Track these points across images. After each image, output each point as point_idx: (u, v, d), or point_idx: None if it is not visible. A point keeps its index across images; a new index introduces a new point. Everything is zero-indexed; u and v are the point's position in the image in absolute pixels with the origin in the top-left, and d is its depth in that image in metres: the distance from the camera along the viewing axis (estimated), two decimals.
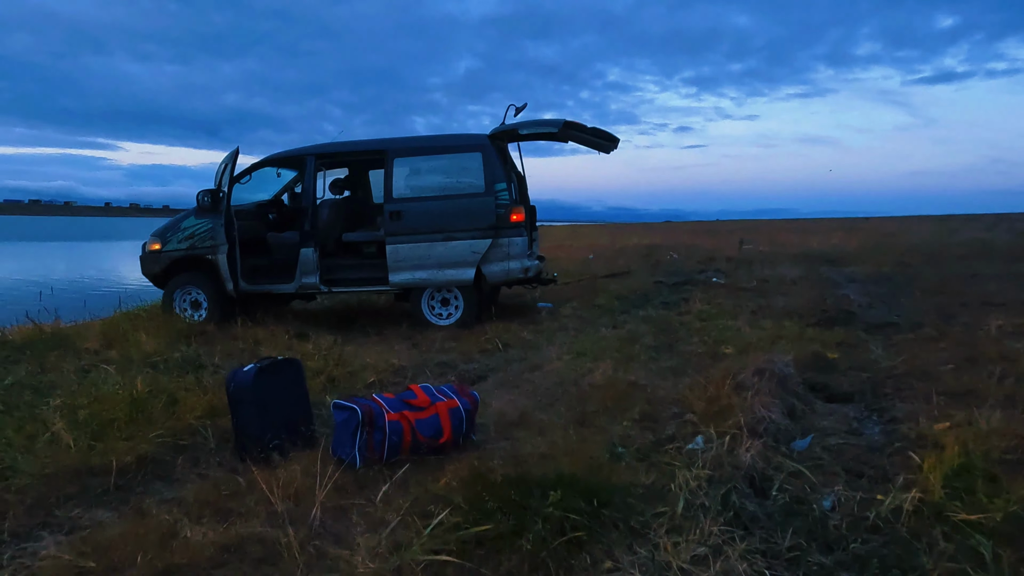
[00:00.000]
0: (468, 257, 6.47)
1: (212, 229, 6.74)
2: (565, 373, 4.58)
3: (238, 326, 6.50)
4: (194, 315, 7.01)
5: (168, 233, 6.96)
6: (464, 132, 6.83)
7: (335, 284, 6.89)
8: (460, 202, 6.47)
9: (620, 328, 6.24)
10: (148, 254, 7.03)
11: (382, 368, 4.82)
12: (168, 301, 7.01)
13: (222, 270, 6.64)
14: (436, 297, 6.76)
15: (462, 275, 6.51)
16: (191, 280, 6.98)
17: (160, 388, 3.97)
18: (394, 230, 6.53)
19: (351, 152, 6.96)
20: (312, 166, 6.85)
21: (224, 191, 6.71)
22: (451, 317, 6.72)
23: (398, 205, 6.54)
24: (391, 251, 6.54)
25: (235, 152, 6.56)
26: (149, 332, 6.14)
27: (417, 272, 6.56)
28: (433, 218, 6.48)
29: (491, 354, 5.41)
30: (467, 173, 6.51)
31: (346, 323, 7.14)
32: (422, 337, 6.32)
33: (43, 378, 4.65)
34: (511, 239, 6.51)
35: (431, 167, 6.60)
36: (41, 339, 5.84)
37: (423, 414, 2.96)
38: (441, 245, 6.47)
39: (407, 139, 6.80)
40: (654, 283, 9.87)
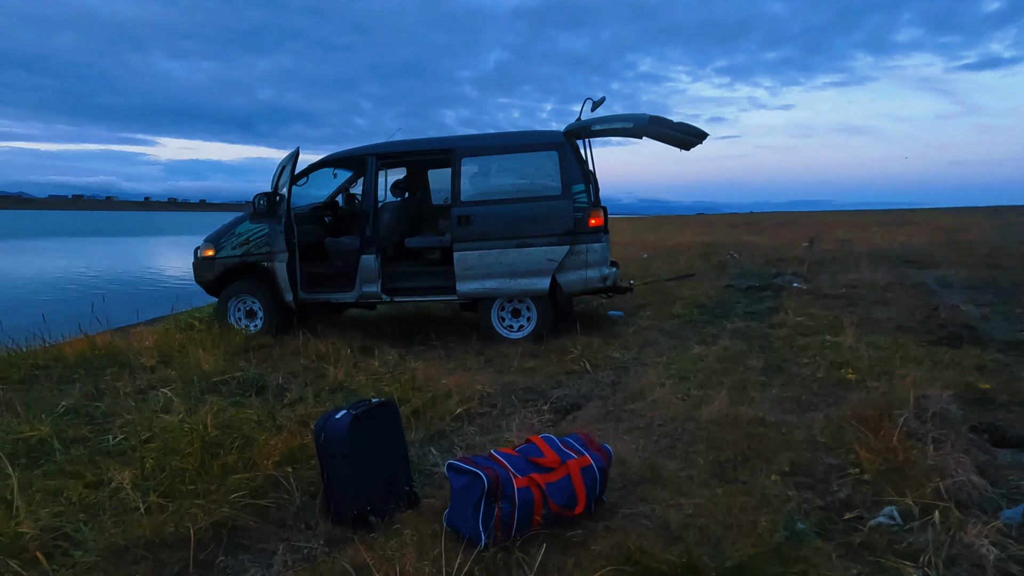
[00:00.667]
0: (543, 265, 5.95)
1: (268, 235, 6.34)
2: (673, 404, 4.04)
3: (297, 338, 6.10)
4: (249, 325, 6.63)
5: (222, 239, 6.58)
6: (539, 129, 6.29)
7: (397, 293, 6.43)
8: (535, 205, 5.94)
9: (713, 344, 5.65)
10: (201, 260, 6.66)
11: (466, 395, 4.32)
12: (222, 310, 6.64)
13: (280, 279, 6.23)
14: (506, 308, 6.26)
15: (536, 285, 5.99)
16: (246, 288, 6.59)
17: (230, 424, 3.54)
18: (462, 236, 6.04)
19: (415, 151, 6.48)
20: (374, 166, 6.39)
21: (281, 194, 6.29)
22: (523, 330, 6.22)
23: (467, 209, 6.04)
24: (459, 258, 6.05)
25: (295, 153, 6.13)
26: (205, 346, 5.77)
27: (487, 281, 6.06)
28: (505, 223, 5.97)
29: (579, 376, 4.89)
30: (542, 174, 5.98)
31: (408, 334, 6.69)
32: (494, 352, 5.83)
33: (99, 405, 4.27)
34: (589, 245, 5.97)
35: (503, 167, 6.08)
36: (95, 355, 5.49)
37: (553, 476, 2.45)
38: (514, 252, 5.96)
39: (476, 137, 6.29)
40: (725, 287, 9.24)
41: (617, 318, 7.24)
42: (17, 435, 3.51)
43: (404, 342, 6.43)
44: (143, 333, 7.04)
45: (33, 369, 5.01)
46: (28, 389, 4.72)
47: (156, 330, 7.18)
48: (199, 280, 6.72)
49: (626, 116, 5.96)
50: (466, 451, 3.48)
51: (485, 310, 6.23)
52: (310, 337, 6.19)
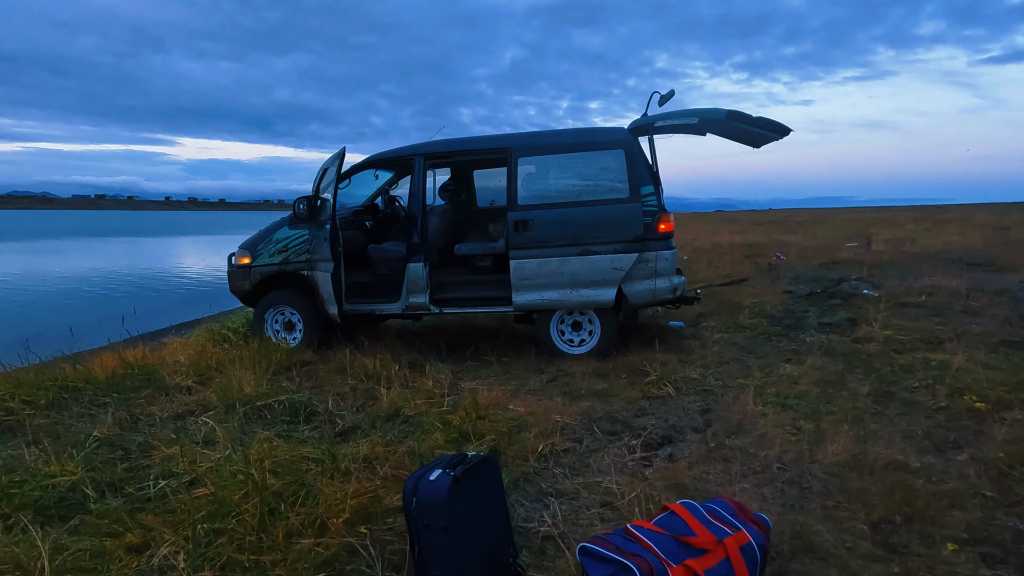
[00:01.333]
0: (608, 275, 5.44)
1: (309, 241, 5.89)
2: (785, 440, 3.52)
3: (341, 353, 5.65)
4: (287, 338, 6.19)
5: (259, 245, 6.14)
6: (603, 126, 5.77)
7: (447, 304, 5.95)
8: (599, 210, 5.43)
9: (801, 362, 5.11)
10: (236, 269, 6.23)
11: (542, 426, 3.83)
12: (258, 322, 6.21)
13: (323, 290, 5.78)
14: (566, 320, 5.76)
15: (601, 296, 5.49)
16: (284, 299, 6.16)
17: (285, 466, 3.09)
18: (519, 242, 5.54)
19: (467, 151, 5.99)
20: (421, 167, 5.91)
21: (324, 198, 5.83)
22: (584, 344, 5.71)
23: (524, 213, 5.54)
24: (515, 267, 5.56)
25: (340, 154, 5.67)
26: (244, 363, 5.34)
27: (546, 292, 5.57)
28: (567, 229, 5.47)
29: (662, 402, 4.37)
30: (607, 175, 5.47)
31: (457, 347, 6.20)
32: (556, 370, 5.33)
33: (135, 437, 3.83)
34: (659, 253, 5.45)
35: (563, 168, 5.58)
36: (126, 374, 5.07)
37: (711, 560, 1.96)
38: (576, 260, 5.46)
39: (534, 135, 5.78)
40: (784, 294, 8.66)
41: (679, 329, 6.72)
42: (47, 480, 3.08)
43: (454, 356, 5.95)
44: (175, 346, 6.63)
45: (62, 392, 4.60)
46: (57, 414, 4.31)
47: (189, 343, 6.78)
48: (234, 290, 6.30)
49: (693, 111, 5.43)
50: (559, 499, 2.99)
51: (543, 323, 5.73)
52: (354, 352, 5.75)
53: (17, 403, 4.30)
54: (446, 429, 3.80)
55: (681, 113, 5.46)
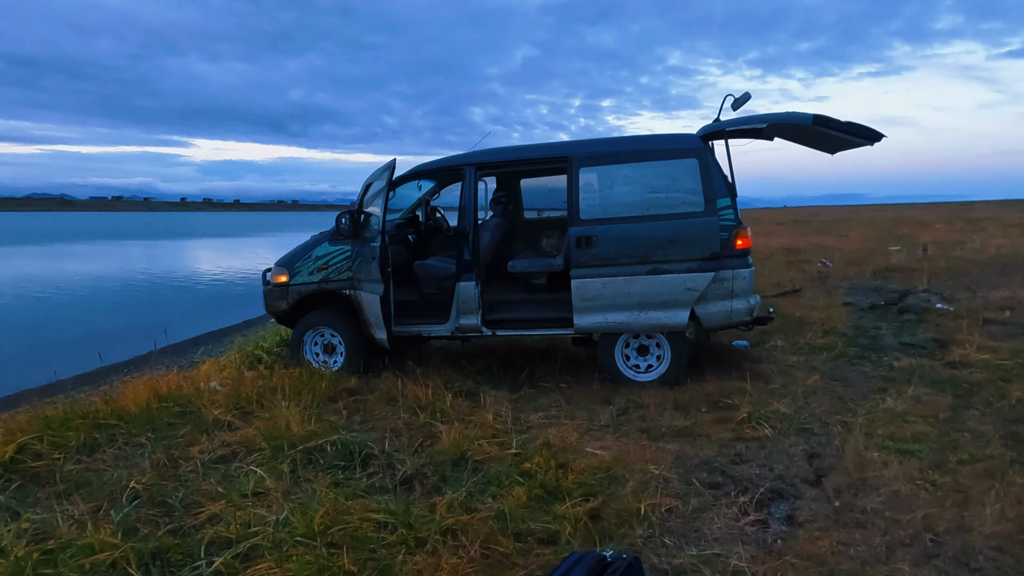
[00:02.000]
0: (681, 295, 4.97)
1: (351, 259, 5.47)
2: (923, 500, 3.05)
3: (389, 381, 5.24)
4: (327, 361, 5.78)
5: (296, 262, 5.73)
6: (671, 133, 5.29)
7: (500, 326, 5.51)
8: (671, 225, 4.96)
9: (900, 393, 4.62)
10: (272, 288, 5.82)
11: (635, 477, 3.38)
12: (297, 344, 5.80)
13: (369, 313, 5.35)
14: (631, 344, 5.29)
15: (672, 318, 5.02)
16: (324, 319, 5.74)
17: (352, 533, 2.67)
18: (582, 260, 5.09)
19: (522, 160, 5.53)
20: (472, 178, 5.47)
21: (368, 212, 5.41)
22: (652, 371, 5.25)
23: (587, 228, 5.09)
24: (578, 287, 5.10)
25: (391, 165, 5.22)
26: (285, 390, 4.94)
27: (611, 314, 5.11)
28: (635, 245, 5.01)
29: (759, 444, 3.90)
30: (680, 186, 5.00)
31: (509, 369, 5.76)
32: (626, 401, 4.88)
33: (176, 490, 3.42)
34: (736, 271, 4.97)
35: (630, 179, 5.11)
36: (161, 407, 4.68)
37: None
38: (645, 280, 5.00)
39: (596, 143, 5.32)
40: (844, 306, 8.14)
41: (745, 350, 6.24)
42: (84, 555, 2.67)
43: (507, 381, 5.52)
44: (208, 369, 6.26)
45: (94, 432, 4.20)
46: (89, 458, 3.91)
47: (222, 363, 6.41)
48: (270, 310, 5.89)
49: (771, 116, 4.96)
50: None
51: (607, 347, 5.27)
52: (401, 377, 5.34)
53: (46, 446, 3.91)
54: (527, 482, 3.36)
55: (753, 119, 5.00)
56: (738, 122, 5.00)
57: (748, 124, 5.03)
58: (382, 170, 5.28)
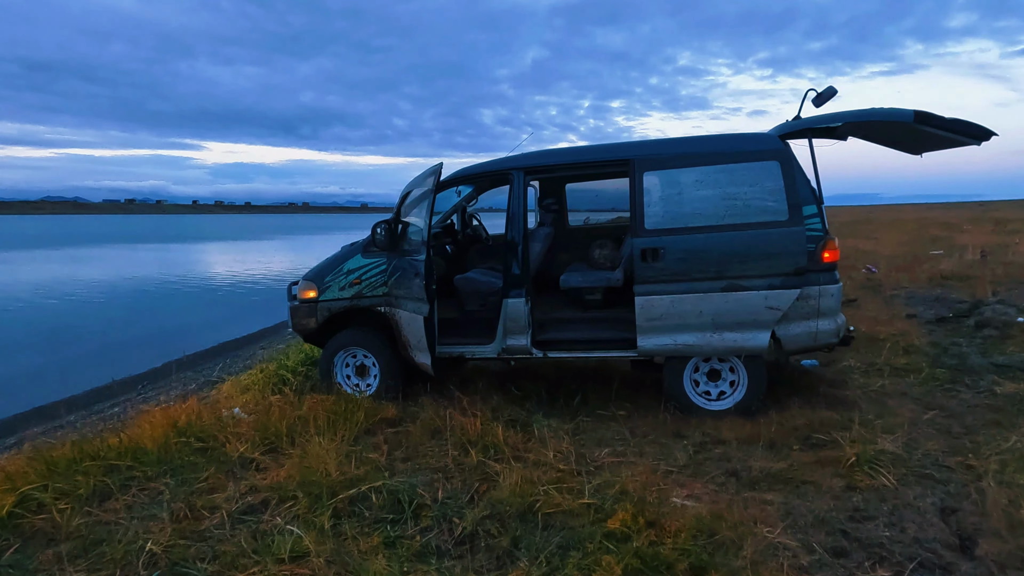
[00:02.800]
0: (762, 315, 4.41)
1: (387, 273, 4.96)
2: None
3: (430, 407, 4.72)
4: (360, 384, 5.27)
5: (326, 276, 5.22)
6: (747, 132, 4.74)
7: (553, 347, 4.97)
8: (751, 235, 4.40)
9: (1014, 426, 4.04)
10: (300, 305, 5.31)
11: (752, 548, 2.83)
12: (327, 366, 5.29)
13: (408, 334, 4.83)
14: (701, 368, 4.74)
15: (751, 340, 4.46)
16: (357, 339, 5.23)
17: None
18: (648, 275, 4.54)
19: (577, 164, 4.98)
20: (520, 184, 4.94)
21: (408, 222, 4.90)
22: (725, 398, 4.69)
23: (653, 240, 4.54)
24: (643, 304, 4.56)
25: (437, 170, 4.68)
26: (317, 421, 4.43)
27: (681, 335, 4.56)
28: (709, 259, 4.45)
29: (879, 496, 3.33)
30: (760, 192, 4.44)
31: (560, 392, 5.23)
32: (700, 433, 4.33)
33: (201, 552, 2.91)
34: (823, 288, 4.40)
35: (702, 184, 4.55)
36: (179, 442, 4.17)
37: None
38: (719, 298, 4.45)
39: (662, 143, 4.77)
40: (908, 318, 7.54)
41: (816, 370, 5.66)
42: None
43: (558, 407, 5.00)
44: (229, 392, 5.76)
45: (105, 475, 3.70)
46: (100, 509, 3.41)
47: (243, 383, 5.91)
48: (298, 328, 5.38)
49: (863, 112, 4.36)
50: None
51: (675, 372, 4.72)
52: (442, 403, 4.82)
53: (50, 495, 3.41)
54: (617, 548, 2.82)
55: (843, 115, 4.43)
56: (826, 119, 4.43)
57: (838, 120, 4.45)
58: (425, 175, 4.75)
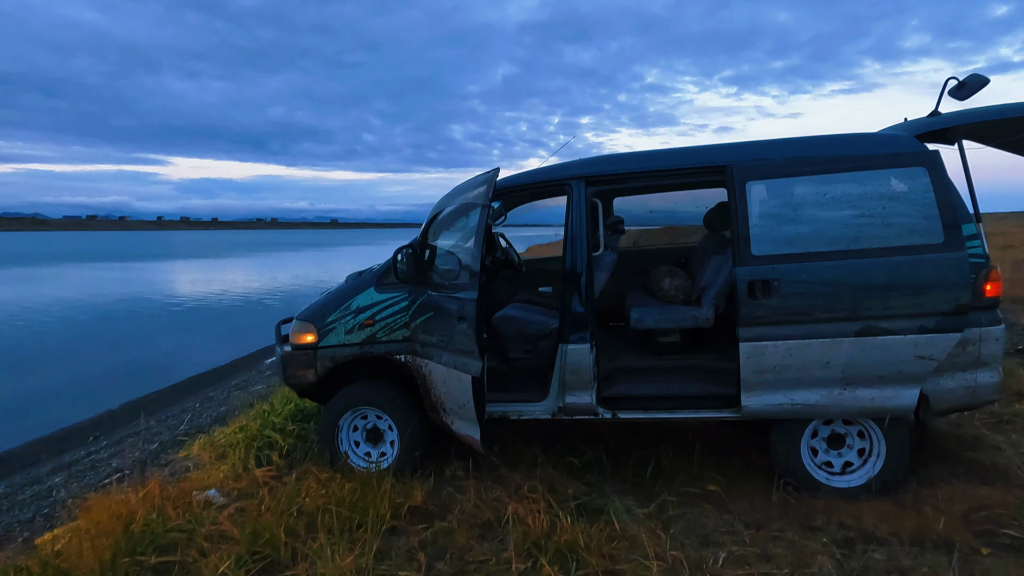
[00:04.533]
0: (909, 366, 3.39)
1: (408, 311, 3.85)
2: None
3: (466, 484, 3.61)
4: (372, 454, 4.13)
5: (328, 315, 4.06)
6: (885, 132, 3.72)
7: (624, 406, 3.88)
8: (895, 263, 3.38)
9: None
10: (294, 353, 4.13)
11: None
12: (328, 430, 4.12)
13: (448, 395, 3.69)
14: (820, 431, 3.70)
15: (894, 399, 3.44)
16: (368, 395, 4.09)
17: None
18: (757, 314, 3.49)
19: (656, 171, 3.90)
20: (582, 197, 3.87)
21: (448, 247, 3.79)
22: (853, 471, 3.65)
23: (766, 269, 3.50)
24: (750, 352, 3.51)
25: (492, 177, 3.53)
26: (325, 517, 3.27)
27: (799, 392, 3.51)
28: (838, 293, 3.42)
29: None
30: (905, 206, 3.43)
31: (626, 457, 4.16)
32: (834, 523, 3.28)
33: None
34: (984, 330, 3.40)
35: (829, 196, 3.52)
36: (133, 567, 2.97)
37: None
38: (853, 344, 3.41)
39: (767, 145, 3.73)
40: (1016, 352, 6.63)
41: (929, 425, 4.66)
42: None
43: (629, 479, 3.93)
44: (204, 461, 4.56)
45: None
46: None
47: (220, 447, 4.72)
48: (291, 381, 4.19)
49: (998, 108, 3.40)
50: None
51: (789, 438, 3.67)
52: (484, 482, 3.72)
53: None
54: None
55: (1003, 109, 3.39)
56: (980, 114, 3.44)
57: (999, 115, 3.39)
58: (473, 185, 3.63)
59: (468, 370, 3.44)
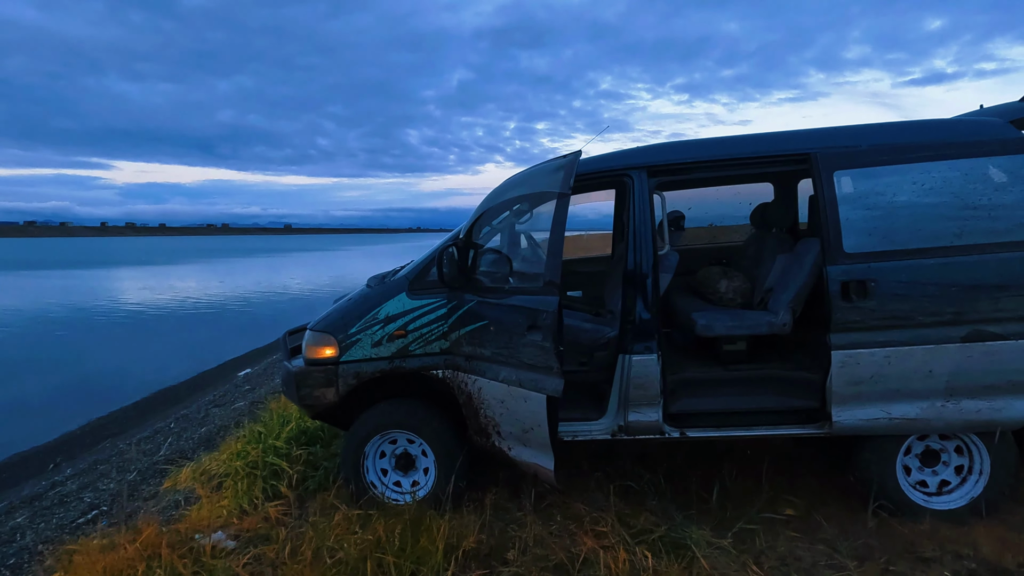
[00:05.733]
0: (1020, 374, 3.06)
1: (446, 320, 3.35)
2: None
3: (519, 517, 3.13)
4: (402, 483, 3.61)
5: (352, 325, 3.51)
6: (980, 118, 3.40)
7: (694, 423, 3.46)
8: (1006, 260, 3.05)
9: None
10: (310, 369, 3.57)
11: None
12: (354, 457, 3.58)
13: (498, 415, 3.21)
14: (914, 447, 3.35)
15: (1003, 411, 3.10)
16: (399, 416, 3.57)
17: None
18: (851, 319, 3.12)
19: (731, 159, 3.47)
20: (644, 189, 3.44)
21: (490, 250, 3.31)
22: (951, 491, 3.31)
23: (861, 267, 3.13)
24: (844, 361, 3.13)
25: (573, 160, 3.02)
26: (369, 565, 2.74)
27: (897, 404, 3.15)
28: (942, 294, 3.07)
29: None
30: (1008, 197, 3.10)
31: (692, 480, 3.73)
32: (945, 551, 2.94)
33: None
34: None
35: (926, 186, 3.18)
36: None
37: None
38: (958, 350, 3.07)
39: (854, 131, 3.35)
40: None
41: None
42: None
43: (697, 504, 3.51)
44: (199, 494, 3.95)
45: None
46: None
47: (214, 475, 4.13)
48: (306, 402, 3.62)
49: None
50: None
51: (884, 456, 3.30)
52: (545, 514, 3.24)
53: None
54: None
55: None
56: None
57: None
58: (547, 171, 3.13)
59: (542, 388, 2.95)
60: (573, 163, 2.95)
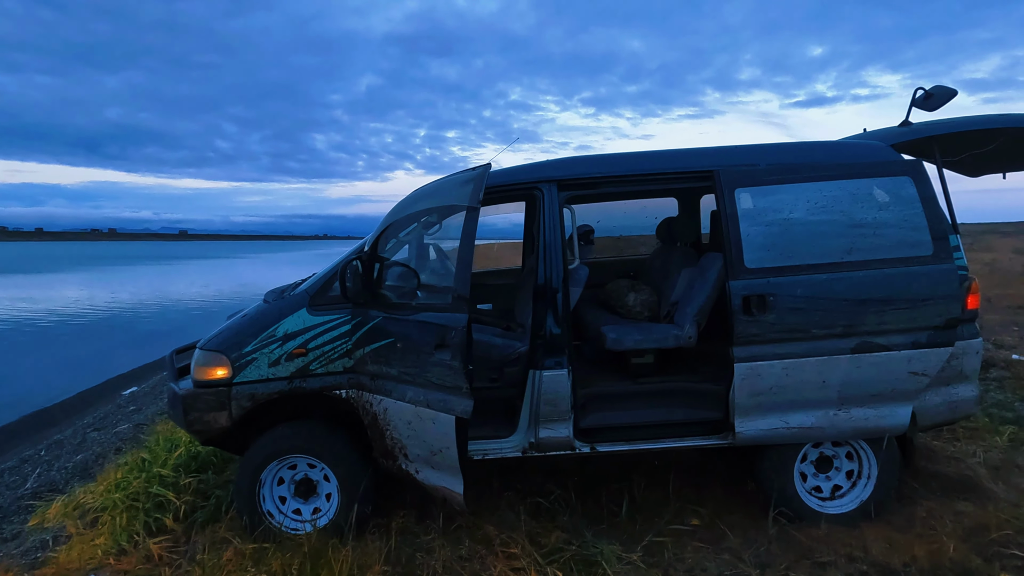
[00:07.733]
0: (903, 383, 3.25)
1: (350, 337, 3.18)
2: None
3: (440, 551, 3.00)
4: (302, 511, 3.39)
5: (246, 344, 3.27)
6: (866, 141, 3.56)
7: (603, 438, 3.46)
8: (890, 275, 3.23)
9: None
10: (199, 392, 3.30)
11: None
12: (248, 485, 3.32)
13: (405, 436, 3.06)
14: (809, 455, 3.49)
15: (888, 418, 3.29)
16: (299, 440, 3.35)
17: None
18: (752, 332, 3.21)
19: (638, 175, 3.49)
20: (554, 203, 3.42)
21: (399, 258, 3.17)
22: (843, 496, 3.47)
23: (761, 282, 3.23)
24: (745, 374, 3.22)
25: (483, 173, 2.89)
26: None
27: (795, 414, 3.28)
28: (835, 307, 3.21)
29: None
30: (894, 216, 3.29)
31: (601, 493, 3.73)
32: (839, 553, 3.06)
33: None
34: (967, 343, 3.34)
35: (819, 204, 3.32)
36: None
37: None
38: (849, 361, 3.22)
39: (754, 150, 3.46)
40: None
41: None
42: None
43: (606, 518, 3.51)
44: (69, 531, 3.57)
45: None
46: None
47: (89, 511, 3.74)
48: (195, 427, 3.33)
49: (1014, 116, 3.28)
50: None
51: (781, 464, 3.41)
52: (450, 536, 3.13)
53: None
54: None
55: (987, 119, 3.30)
56: (959, 124, 3.38)
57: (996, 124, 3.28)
58: (456, 182, 3.02)
59: (451, 409, 2.83)
60: (483, 176, 2.87)
